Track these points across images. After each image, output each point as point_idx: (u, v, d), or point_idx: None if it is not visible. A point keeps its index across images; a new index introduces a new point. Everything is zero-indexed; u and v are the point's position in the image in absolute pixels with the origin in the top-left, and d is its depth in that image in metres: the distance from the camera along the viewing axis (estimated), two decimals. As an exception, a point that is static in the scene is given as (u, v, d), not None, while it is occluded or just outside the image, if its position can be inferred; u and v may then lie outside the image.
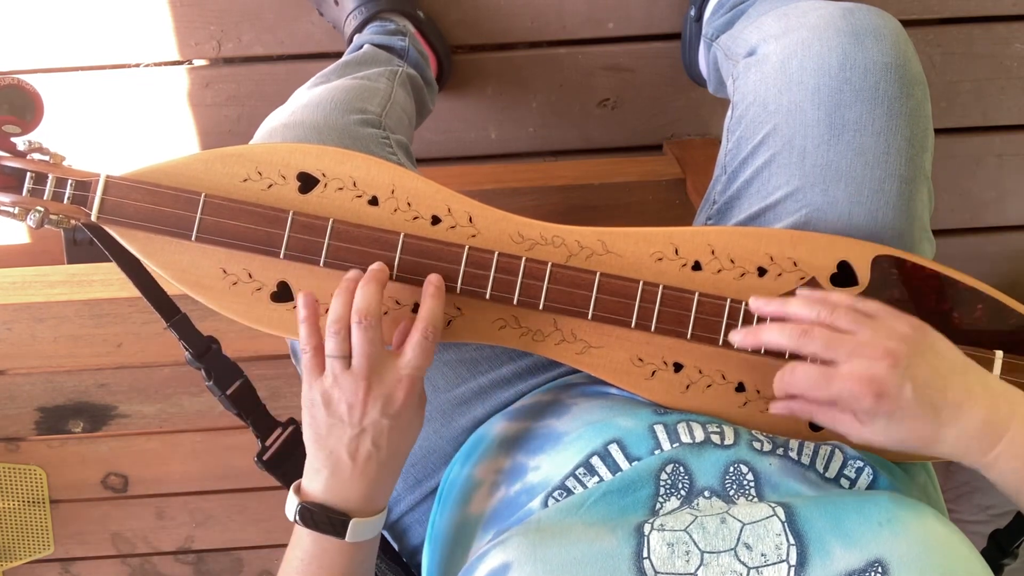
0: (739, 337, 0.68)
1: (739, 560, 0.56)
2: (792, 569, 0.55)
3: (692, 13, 1.18)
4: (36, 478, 1.41)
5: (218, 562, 1.54)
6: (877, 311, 0.64)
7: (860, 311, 0.64)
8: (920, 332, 0.64)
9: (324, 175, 0.70)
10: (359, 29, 1.15)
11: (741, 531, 0.57)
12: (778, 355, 0.70)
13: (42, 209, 0.67)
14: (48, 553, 1.49)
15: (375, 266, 0.67)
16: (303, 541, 0.66)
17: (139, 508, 1.47)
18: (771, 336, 0.66)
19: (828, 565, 0.54)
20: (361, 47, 1.08)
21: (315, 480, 0.66)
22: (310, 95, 0.87)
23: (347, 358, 0.64)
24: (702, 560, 0.56)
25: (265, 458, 0.81)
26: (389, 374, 0.64)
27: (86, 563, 1.52)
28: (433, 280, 0.68)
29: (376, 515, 0.67)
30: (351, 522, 0.65)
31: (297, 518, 0.66)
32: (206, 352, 0.79)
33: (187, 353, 0.78)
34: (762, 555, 0.56)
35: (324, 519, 0.65)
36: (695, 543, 0.57)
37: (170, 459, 1.41)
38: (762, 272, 0.71)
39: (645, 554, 0.56)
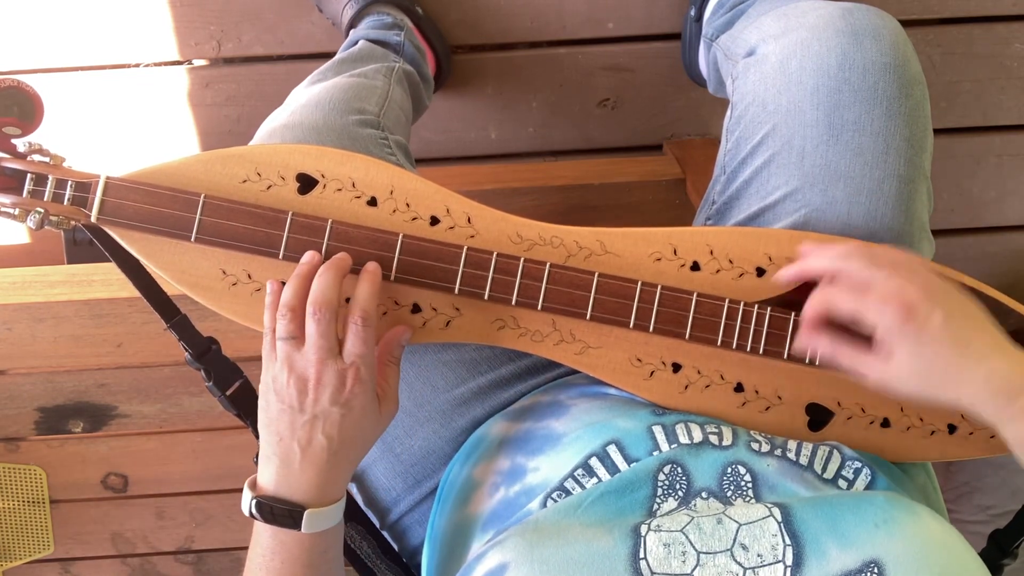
0: (788, 270, 0.69)
1: (735, 560, 0.56)
2: (788, 569, 0.55)
3: (692, 13, 1.18)
4: (36, 478, 1.41)
5: (218, 562, 1.54)
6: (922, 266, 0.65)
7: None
8: (957, 288, 0.64)
9: (323, 176, 0.70)
10: (355, 21, 1.15)
11: (737, 532, 0.57)
12: (778, 355, 0.70)
13: (42, 210, 0.67)
14: (48, 553, 1.49)
15: (338, 255, 0.67)
16: (262, 536, 0.65)
17: (139, 508, 1.47)
18: (815, 261, 0.66)
19: (824, 566, 0.54)
20: (356, 43, 1.08)
21: (266, 471, 0.65)
22: (308, 94, 0.87)
23: (296, 339, 0.64)
24: (698, 560, 0.56)
25: (264, 459, 0.80)
26: (338, 363, 0.64)
27: (86, 563, 1.53)
28: (368, 267, 0.67)
29: (331, 505, 0.66)
30: (305, 513, 0.64)
31: (252, 513, 0.65)
32: (206, 353, 0.79)
33: (187, 354, 0.78)
34: (758, 555, 0.56)
35: (278, 511, 0.64)
36: (691, 543, 0.57)
37: (170, 459, 1.41)
38: (760, 272, 0.71)
39: (641, 554, 0.56)
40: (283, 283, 0.66)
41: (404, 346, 0.70)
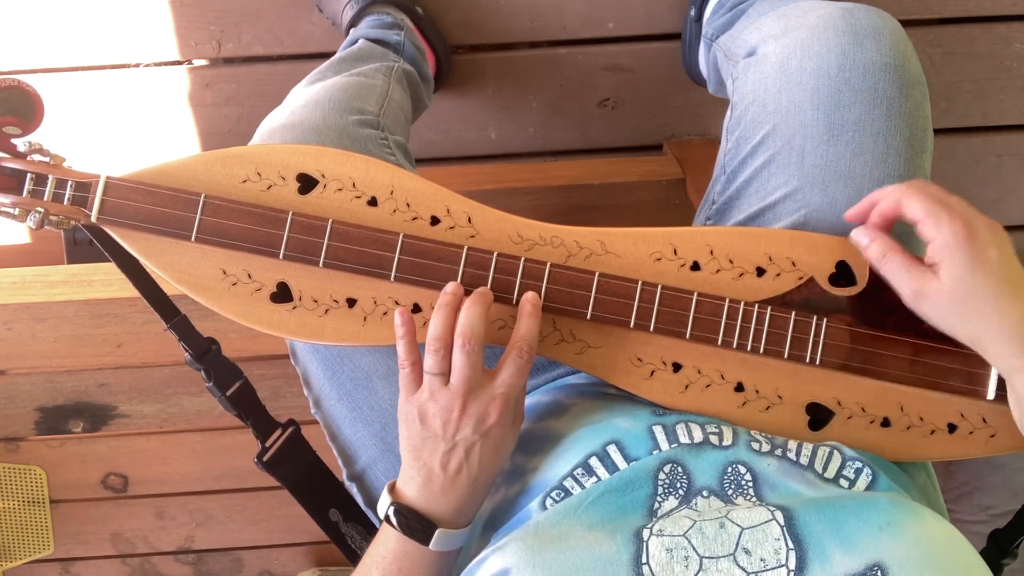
0: (859, 204, 0.69)
1: (738, 565, 0.56)
2: (791, 574, 0.55)
3: (692, 13, 1.18)
4: (36, 478, 1.41)
5: (218, 562, 1.54)
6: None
7: None
8: (1011, 243, 0.65)
9: (323, 176, 0.70)
10: (356, 21, 1.15)
11: (740, 536, 0.57)
12: (778, 355, 0.70)
13: (42, 210, 0.67)
14: (48, 553, 1.49)
15: (480, 289, 0.68)
16: (389, 540, 0.67)
17: (139, 508, 1.47)
18: (890, 188, 0.67)
19: (827, 569, 0.54)
20: (356, 42, 1.08)
21: (409, 485, 0.67)
22: (307, 94, 0.87)
23: (445, 375, 0.65)
24: (701, 566, 0.56)
25: (265, 459, 0.81)
26: (484, 392, 0.65)
27: (86, 563, 1.53)
28: (530, 298, 0.68)
29: (462, 528, 0.67)
30: (437, 531, 0.66)
31: (388, 517, 0.67)
32: (206, 353, 0.79)
33: (187, 354, 0.78)
34: (761, 560, 0.56)
35: (413, 523, 0.66)
36: (694, 548, 0.56)
37: (170, 459, 1.41)
38: (760, 272, 0.71)
39: (644, 560, 0.56)
40: (410, 313, 0.67)
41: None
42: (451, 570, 0.69)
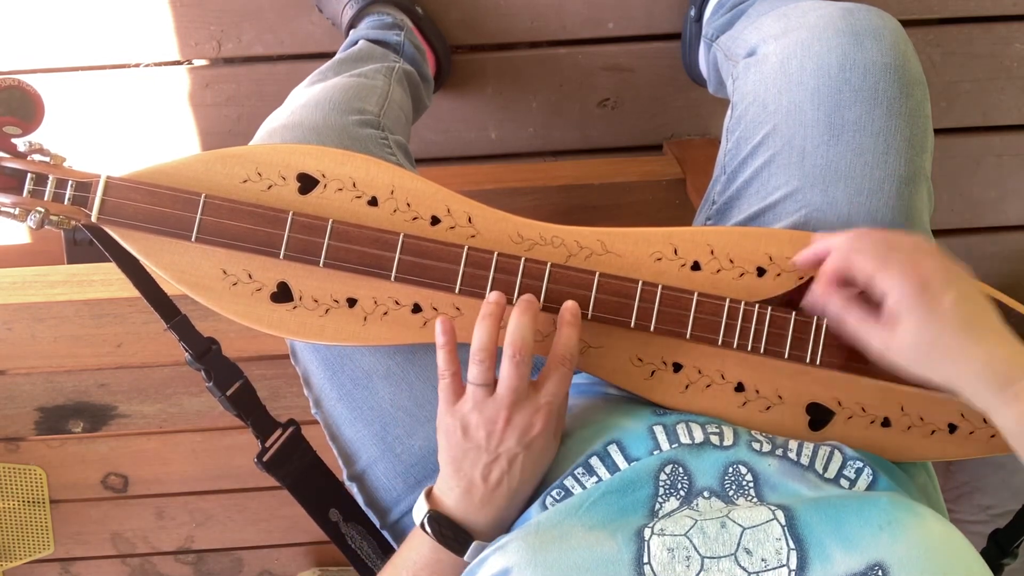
0: (806, 252, 0.69)
1: (739, 565, 0.56)
2: (792, 573, 0.55)
3: (692, 13, 1.18)
4: (36, 478, 1.41)
5: (218, 562, 1.54)
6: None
7: None
8: (969, 276, 0.65)
9: (324, 176, 0.70)
10: (355, 21, 1.15)
11: (741, 536, 0.57)
12: (779, 355, 0.70)
13: (42, 210, 0.67)
14: (48, 553, 1.49)
15: (527, 297, 0.67)
16: (423, 546, 0.67)
17: (139, 508, 1.47)
18: (835, 239, 0.67)
19: (828, 569, 0.54)
20: (356, 43, 1.08)
21: (448, 494, 0.67)
22: (308, 94, 0.87)
23: (491, 386, 0.64)
24: (703, 565, 0.56)
25: (265, 459, 0.81)
26: (529, 403, 0.64)
27: (86, 563, 1.53)
28: (569, 307, 0.67)
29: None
30: (473, 543, 0.65)
31: (424, 525, 0.66)
32: (206, 353, 0.79)
33: (187, 354, 0.78)
34: (762, 560, 0.56)
35: (449, 533, 0.66)
36: (695, 548, 0.56)
37: (170, 459, 1.41)
38: (761, 272, 0.71)
39: (646, 559, 0.56)
40: (452, 322, 0.66)
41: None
42: None
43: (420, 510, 0.67)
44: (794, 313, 0.70)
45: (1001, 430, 0.61)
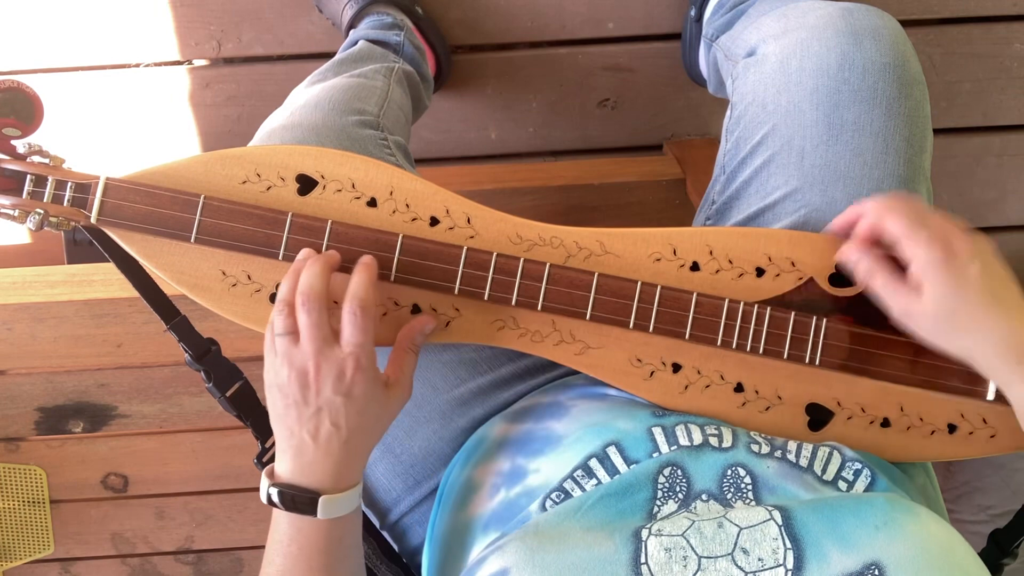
0: (841, 217, 0.70)
1: (736, 565, 0.56)
2: (789, 573, 0.55)
3: (692, 13, 1.18)
4: (36, 478, 1.41)
5: (218, 562, 1.54)
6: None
7: None
8: (996, 254, 0.66)
9: (323, 177, 0.70)
10: (355, 21, 1.15)
11: (738, 535, 0.57)
12: (778, 355, 0.70)
13: (42, 211, 0.67)
14: (48, 553, 1.49)
15: (327, 251, 0.67)
16: (280, 524, 0.67)
17: (139, 508, 1.47)
18: (870, 203, 0.67)
19: (825, 569, 0.54)
20: (356, 43, 1.08)
21: (282, 462, 0.66)
22: (307, 95, 0.87)
23: (293, 334, 0.64)
24: (699, 565, 0.56)
25: (265, 460, 0.81)
26: (334, 352, 0.64)
27: (86, 563, 1.53)
28: (364, 259, 0.67)
29: (347, 491, 0.66)
30: (320, 499, 0.64)
31: (271, 499, 0.66)
32: (206, 354, 0.79)
33: (187, 355, 0.78)
34: (759, 559, 0.56)
35: (297, 499, 0.65)
36: (692, 548, 0.57)
37: (170, 459, 1.41)
38: (760, 272, 0.71)
39: (643, 559, 0.56)
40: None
41: (426, 335, 0.70)
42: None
43: (264, 488, 0.66)
44: (793, 313, 0.70)
45: (1013, 404, 0.62)
